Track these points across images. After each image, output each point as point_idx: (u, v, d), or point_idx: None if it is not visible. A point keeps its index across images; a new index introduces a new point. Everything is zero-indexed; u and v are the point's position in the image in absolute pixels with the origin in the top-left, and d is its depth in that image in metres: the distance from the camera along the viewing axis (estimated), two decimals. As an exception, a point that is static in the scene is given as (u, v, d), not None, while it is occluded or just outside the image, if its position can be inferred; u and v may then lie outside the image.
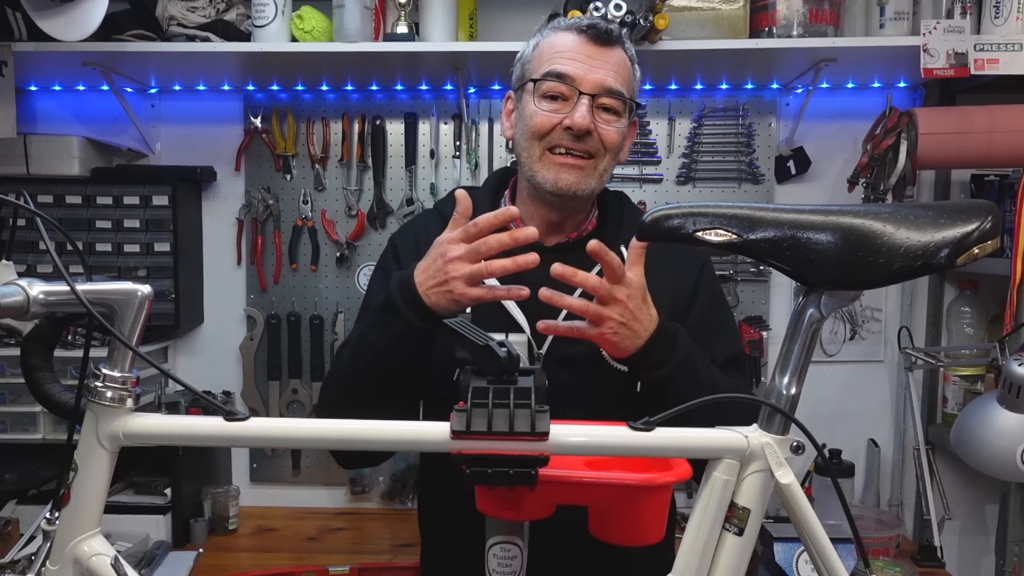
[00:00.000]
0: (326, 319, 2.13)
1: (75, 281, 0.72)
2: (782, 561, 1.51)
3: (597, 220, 1.27)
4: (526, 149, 1.18)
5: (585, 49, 1.15)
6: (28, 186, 1.94)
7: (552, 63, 1.16)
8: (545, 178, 1.16)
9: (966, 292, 2.02)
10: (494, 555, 0.95)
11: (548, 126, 1.15)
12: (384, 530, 2.02)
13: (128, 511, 1.87)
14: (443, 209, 1.29)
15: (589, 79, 1.14)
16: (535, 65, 1.19)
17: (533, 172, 1.17)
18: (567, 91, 1.15)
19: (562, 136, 1.15)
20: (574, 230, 1.24)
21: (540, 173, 1.16)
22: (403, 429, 0.76)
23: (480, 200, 1.27)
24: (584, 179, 1.16)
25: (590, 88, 1.14)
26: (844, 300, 0.77)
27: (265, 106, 2.10)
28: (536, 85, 1.16)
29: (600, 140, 1.15)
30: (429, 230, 1.26)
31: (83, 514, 0.77)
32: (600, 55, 1.15)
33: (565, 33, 1.18)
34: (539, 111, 1.16)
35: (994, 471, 1.51)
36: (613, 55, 1.17)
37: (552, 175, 1.15)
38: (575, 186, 1.15)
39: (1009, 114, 1.77)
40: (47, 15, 1.63)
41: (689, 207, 0.77)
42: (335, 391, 1.17)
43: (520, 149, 1.20)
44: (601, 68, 1.15)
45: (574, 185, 1.15)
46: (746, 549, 0.77)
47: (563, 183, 1.15)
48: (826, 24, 1.78)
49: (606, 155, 1.17)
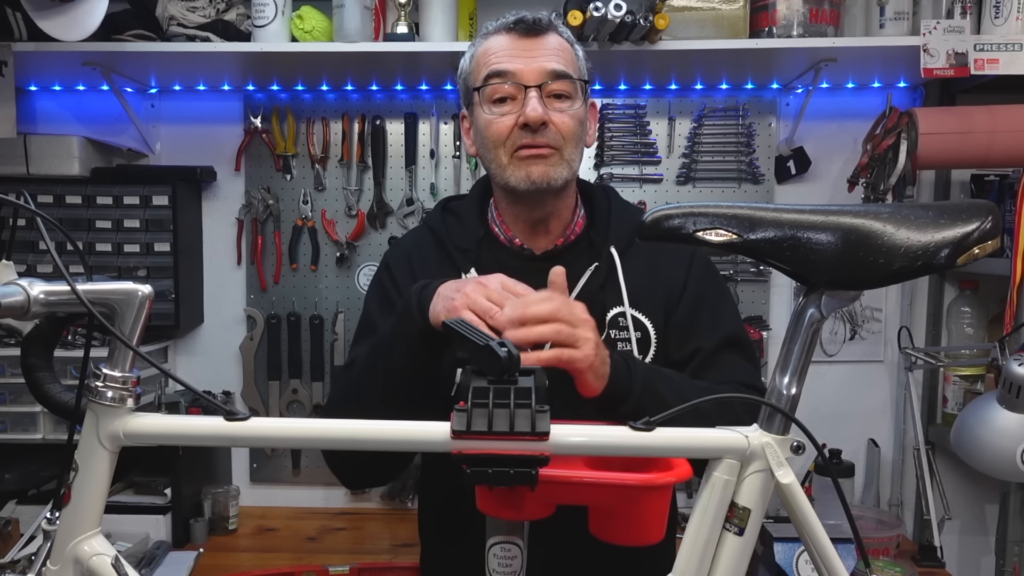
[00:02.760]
0: (326, 319, 2.13)
1: (75, 281, 0.72)
2: (782, 561, 1.51)
3: (584, 220, 1.25)
4: (493, 160, 1.17)
5: (519, 44, 1.15)
6: (28, 186, 1.94)
7: (489, 65, 1.15)
8: (517, 178, 1.14)
9: (966, 292, 2.02)
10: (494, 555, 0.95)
11: (506, 129, 1.14)
12: (384, 530, 2.02)
13: (128, 511, 1.87)
14: (431, 224, 1.28)
15: (530, 70, 1.13)
16: (475, 75, 1.18)
17: (505, 178, 1.16)
18: (513, 89, 1.14)
19: (521, 136, 1.13)
20: (560, 234, 1.23)
21: (512, 176, 1.15)
22: (403, 429, 0.76)
23: (468, 211, 1.27)
24: (553, 168, 1.14)
25: (534, 79, 1.13)
26: (844, 300, 0.77)
27: (265, 106, 2.10)
28: (481, 92, 1.16)
29: (558, 130, 1.14)
30: (420, 248, 1.27)
31: (83, 514, 0.77)
32: (535, 45, 1.15)
33: (495, 36, 1.17)
34: (492, 117, 1.15)
35: (994, 471, 1.51)
36: (548, 41, 1.16)
37: (522, 172, 1.14)
38: (545, 176, 1.13)
39: (1009, 114, 1.77)
40: (47, 15, 1.63)
41: (689, 207, 0.76)
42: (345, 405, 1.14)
43: (487, 160, 1.19)
44: (539, 57, 1.14)
45: (544, 175, 1.13)
46: (746, 549, 0.77)
47: (534, 176, 1.13)
48: (826, 24, 1.79)
49: (568, 144, 1.15)
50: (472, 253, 1.21)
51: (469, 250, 1.21)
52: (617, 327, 1.17)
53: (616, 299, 1.18)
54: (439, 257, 1.24)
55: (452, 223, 1.26)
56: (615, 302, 1.18)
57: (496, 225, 1.25)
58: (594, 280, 1.18)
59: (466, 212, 1.26)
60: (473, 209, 1.27)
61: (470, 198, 1.30)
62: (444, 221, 1.27)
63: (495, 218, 1.25)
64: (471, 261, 1.20)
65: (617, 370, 1.00)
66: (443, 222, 1.27)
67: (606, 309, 1.18)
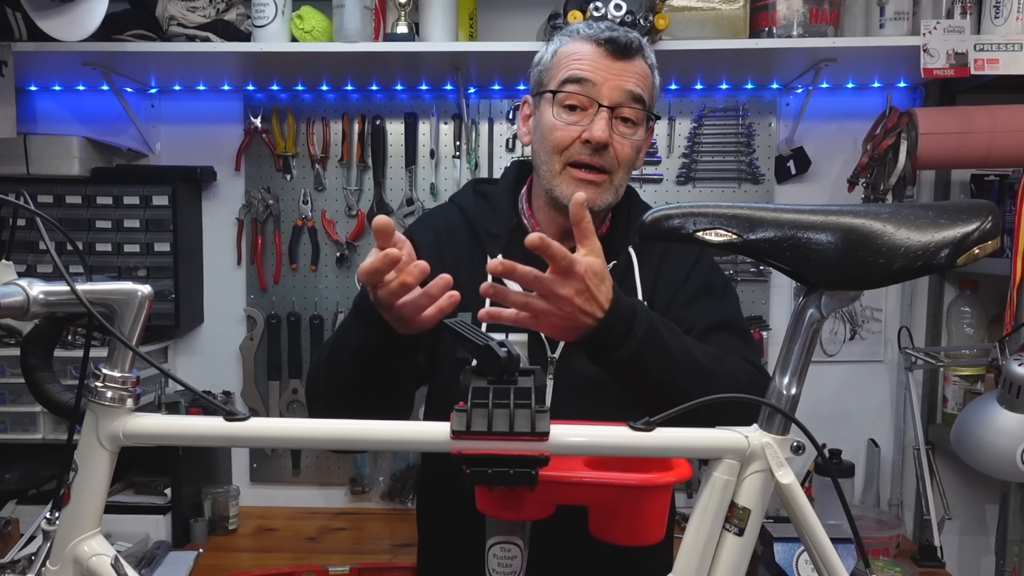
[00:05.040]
0: (326, 319, 2.13)
1: (75, 281, 0.72)
2: (782, 561, 1.51)
3: (610, 222, 1.27)
4: (546, 162, 1.18)
5: (605, 60, 1.15)
6: (28, 186, 1.94)
7: (571, 70, 1.15)
8: (563, 193, 1.16)
9: (966, 292, 2.02)
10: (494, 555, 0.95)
11: (567, 140, 1.15)
12: (384, 530, 2.02)
13: (128, 511, 1.87)
14: (462, 203, 1.29)
15: (608, 89, 1.14)
16: (553, 72, 1.18)
17: (552, 185, 1.17)
18: (586, 101, 1.14)
19: (581, 150, 1.14)
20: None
21: (559, 187, 1.16)
22: (403, 429, 0.76)
23: (499, 196, 1.27)
24: (600, 195, 1.16)
25: (609, 100, 1.14)
26: (844, 300, 0.77)
27: (265, 106, 2.10)
28: (555, 95, 1.16)
29: (615, 155, 1.15)
30: (450, 225, 1.27)
31: (83, 514, 0.77)
32: (621, 67, 1.15)
33: (584, 43, 1.16)
34: (558, 123, 1.16)
35: (994, 471, 1.51)
36: (633, 67, 1.16)
37: (570, 191, 1.14)
38: (592, 202, 1.14)
39: (1009, 114, 1.77)
40: (47, 15, 1.63)
41: (689, 207, 0.77)
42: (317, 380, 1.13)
43: (539, 160, 1.20)
44: (621, 78, 1.14)
45: (591, 201, 1.14)
46: (746, 549, 0.77)
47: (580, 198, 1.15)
48: (826, 24, 1.78)
49: (620, 170, 1.17)
50: (502, 239, 1.22)
51: (500, 236, 1.23)
52: None
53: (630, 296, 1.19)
54: (469, 236, 1.25)
55: (483, 206, 1.27)
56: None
57: (525, 218, 1.26)
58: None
59: (498, 198, 1.27)
60: (507, 196, 1.27)
61: (503, 184, 1.30)
62: (476, 203, 1.28)
63: (524, 211, 1.27)
64: (500, 247, 1.21)
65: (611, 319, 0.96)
66: (475, 204, 1.28)
67: None
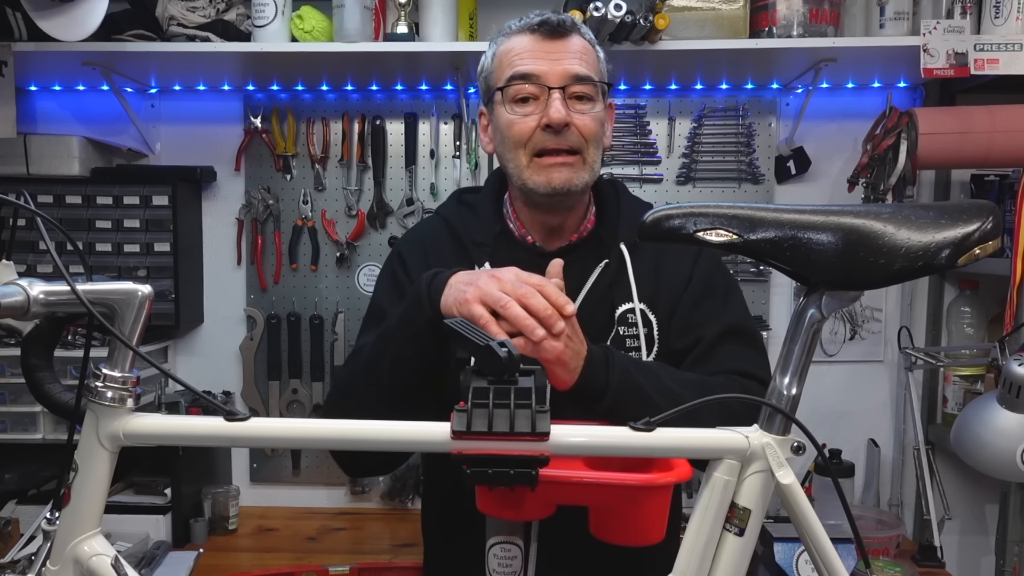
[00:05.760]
0: (326, 319, 2.13)
1: (75, 281, 0.72)
2: (782, 561, 1.51)
3: (596, 217, 1.26)
4: (512, 159, 1.17)
5: (542, 45, 1.15)
6: (28, 186, 1.94)
7: (513, 66, 1.15)
8: (537, 183, 1.15)
9: (966, 292, 2.02)
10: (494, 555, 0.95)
11: (528, 130, 1.14)
12: (384, 530, 2.02)
13: (128, 511, 1.87)
14: (446, 215, 1.29)
15: (554, 72, 1.14)
16: (497, 74, 1.19)
17: (523, 180, 1.16)
18: (536, 90, 1.14)
19: (544, 138, 1.14)
20: (574, 231, 1.24)
21: (531, 179, 1.16)
22: (403, 429, 0.76)
23: (482, 204, 1.27)
24: (576, 174, 1.15)
25: (557, 81, 1.13)
26: (845, 300, 0.76)
27: (265, 106, 2.10)
28: (504, 92, 1.16)
29: (579, 132, 1.14)
30: (436, 238, 1.27)
31: (83, 514, 0.77)
32: (559, 47, 1.15)
33: (518, 36, 1.17)
34: (514, 118, 1.15)
35: (994, 471, 1.51)
36: (572, 44, 1.16)
37: (543, 178, 1.14)
38: (568, 183, 1.14)
39: (1009, 114, 1.77)
40: (47, 15, 1.63)
41: (689, 207, 0.76)
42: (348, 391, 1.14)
43: (506, 160, 1.20)
44: (563, 59, 1.14)
45: (567, 182, 1.14)
46: (747, 549, 0.77)
47: (556, 182, 1.14)
48: (826, 24, 1.79)
49: (589, 146, 1.16)
50: (487, 247, 1.22)
51: (485, 244, 1.22)
52: (626, 323, 1.18)
53: (626, 296, 1.19)
54: (455, 248, 1.25)
55: (467, 216, 1.27)
56: (624, 298, 1.19)
57: (511, 221, 1.26)
58: (604, 277, 1.19)
59: (482, 206, 1.27)
60: (490, 203, 1.27)
61: (485, 192, 1.30)
62: (459, 213, 1.28)
63: (510, 215, 1.26)
64: (486, 255, 1.21)
65: (593, 362, 0.99)
66: (459, 214, 1.27)
67: (615, 306, 1.18)
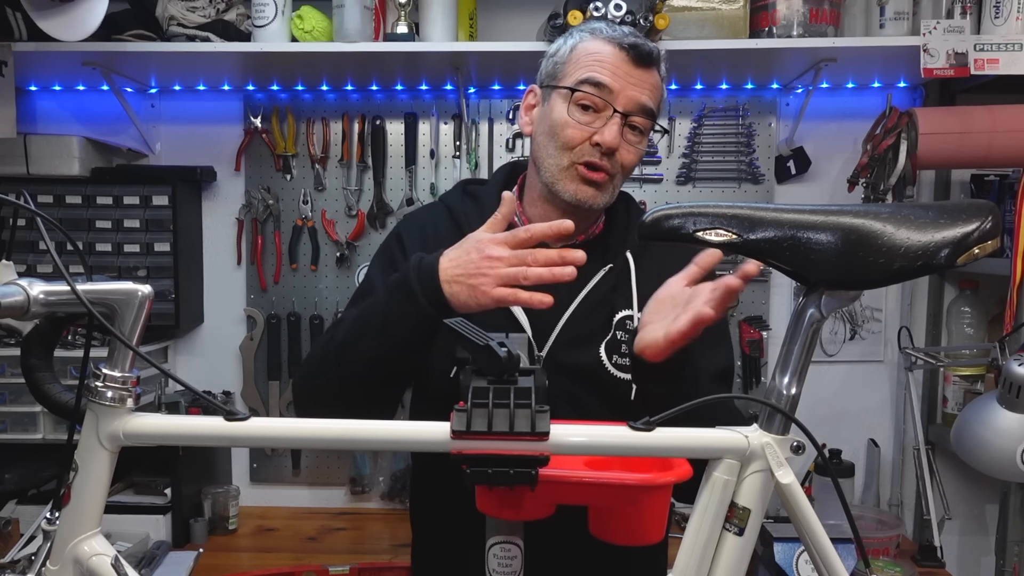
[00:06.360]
0: (326, 319, 2.13)
1: (75, 281, 0.72)
2: (782, 561, 1.51)
3: (604, 223, 1.26)
4: (552, 156, 1.17)
5: (624, 66, 1.14)
6: (28, 186, 1.94)
7: (590, 70, 1.14)
8: (566, 189, 1.15)
9: (966, 292, 2.02)
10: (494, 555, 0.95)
11: (578, 140, 1.14)
12: (384, 530, 2.02)
13: (128, 511, 1.87)
14: (450, 203, 1.28)
15: (625, 96, 1.13)
16: (570, 68, 1.17)
17: (554, 180, 1.16)
18: (601, 104, 1.13)
19: (590, 152, 1.14)
20: (582, 234, 1.23)
21: (562, 183, 1.16)
22: (403, 429, 0.75)
23: (488, 197, 1.26)
24: (601, 195, 1.16)
25: (624, 106, 1.13)
26: (844, 300, 0.76)
27: (265, 106, 2.10)
28: (572, 92, 1.15)
29: (620, 160, 1.15)
30: (437, 224, 1.26)
31: (83, 514, 0.77)
32: (638, 75, 1.15)
33: (605, 43, 1.15)
34: (571, 120, 1.14)
35: (994, 471, 1.51)
36: (651, 76, 1.16)
37: (573, 187, 1.15)
38: (592, 200, 1.15)
39: (1009, 114, 1.77)
40: (47, 15, 1.63)
41: (689, 207, 0.76)
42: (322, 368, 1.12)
43: (542, 151, 1.18)
44: (638, 88, 1.14)
45: (592, 199, 1.15)
46: (746, 549, 0.77)
47: (582, 196, 1.15)
48: (826, 24, 1.79)
49: (620, 174, 1.17)
50: None
51: None
52: (624, 329, 1.18)
53: (626, 302, 1.19)
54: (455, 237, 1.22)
55: (471, 207, 1.26)
56: (625, 304, 1.19)
57: (516, 217, 1.24)
58: (606, 281, 1.19)
59: (487, 199, 1.25)
60: (495, 196, 1.25)
61: (492, 185, 1.29)
62: (464, 203, 1.27)
63: (517, 210, 1.24)
64: None
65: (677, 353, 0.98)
66: (463, 204, 1.27)
67: (615, 310, 1.18)
